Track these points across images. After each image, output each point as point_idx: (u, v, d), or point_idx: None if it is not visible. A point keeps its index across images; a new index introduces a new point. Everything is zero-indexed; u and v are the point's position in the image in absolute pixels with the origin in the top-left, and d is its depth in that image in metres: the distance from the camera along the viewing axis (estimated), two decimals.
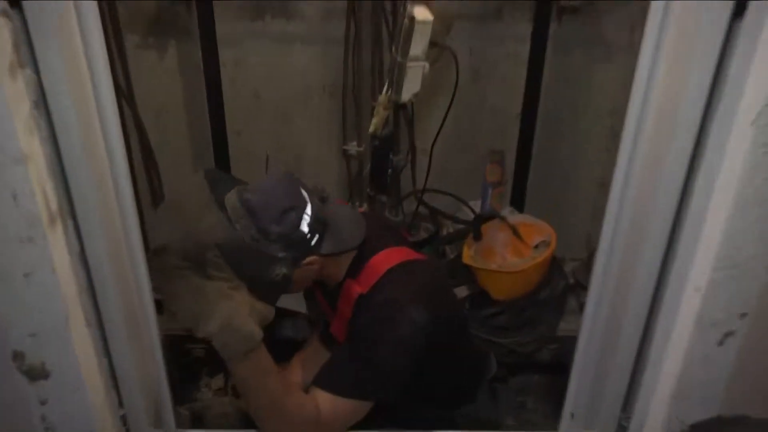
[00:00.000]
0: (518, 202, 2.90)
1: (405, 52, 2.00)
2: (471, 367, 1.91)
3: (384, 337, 1.56)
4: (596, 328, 1.43)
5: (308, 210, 1.56)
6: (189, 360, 2.53)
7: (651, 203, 1.17)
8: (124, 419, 1.36)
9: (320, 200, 1.63)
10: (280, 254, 1.53)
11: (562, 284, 2.49)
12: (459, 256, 2.52)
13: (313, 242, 1.58)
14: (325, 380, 1.57)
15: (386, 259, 1.69)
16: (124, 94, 2.26)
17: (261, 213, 1.52)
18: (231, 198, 1.54)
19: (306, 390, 1.60)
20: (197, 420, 2.07)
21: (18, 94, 0.99)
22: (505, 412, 2.64)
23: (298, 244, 1.56)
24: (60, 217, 1.09)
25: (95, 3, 1.07)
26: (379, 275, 1.65)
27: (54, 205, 1.06)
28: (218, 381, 2.67)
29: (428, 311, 1.59)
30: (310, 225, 1.56)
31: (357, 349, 1.57)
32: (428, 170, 2.45)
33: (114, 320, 1.25)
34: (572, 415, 1.56)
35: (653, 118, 1.14)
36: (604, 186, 2.90)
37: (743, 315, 1.17)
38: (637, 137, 1.18)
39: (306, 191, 1.59)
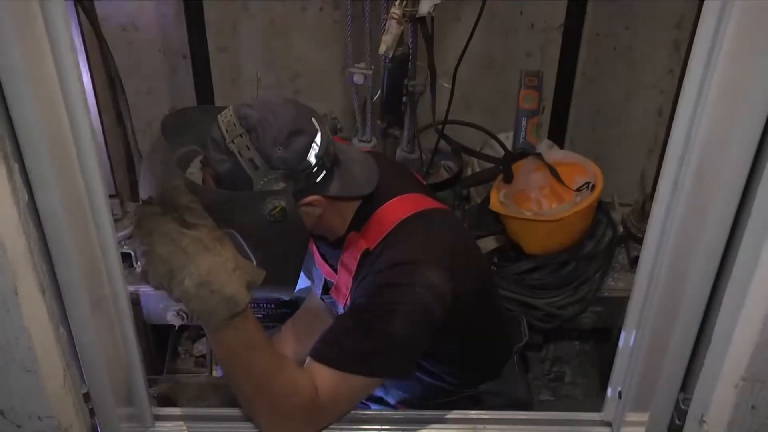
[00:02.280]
0: (558, 136, 2.86)
1: None
2: (498, 336, 1.90)
3: (396, 304, 1.54)
4: (652, 289, 1.41)
5: (318, 139, 1.53)
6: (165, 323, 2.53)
7: (727, 133, 1.14)
8: (87, 397, 1.36)
9: (332, 131, 1.60)
10: (279, 185, 1.51)
11: (610, 235, 2.48)
12: (486, 201, 2.51)
13: (318, 178, 1.56)
14: (324, 352, 1.55)
15: (397, 208, 1.67)
16: None
17: (263, 132, 1.50)
18: (226, 115, 1.52)
19: (301, 364, 1.59)
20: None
21: None
22: (540, 386, 2.65)
23: (302, 177, 1.54)
24: (3, 161, 1.06)
25: None
26: (388, 228, 1.64)
27: None
28: (201, 346, 2.70)
29: (448, 274, 1.58)
30: (318, 157, 1.53)
31: (363, 318, 1.56)
32: (450, 98, 2.41)
33: (73, 284, 1.23)
34: (620, 394, 1.55)
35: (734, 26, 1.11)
36: (663, 115, 2.88)
37: None
38: (714, 48, 1.15)
39: (316, 119, 1.56)
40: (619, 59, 2.88)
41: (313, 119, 1.55)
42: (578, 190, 2.41)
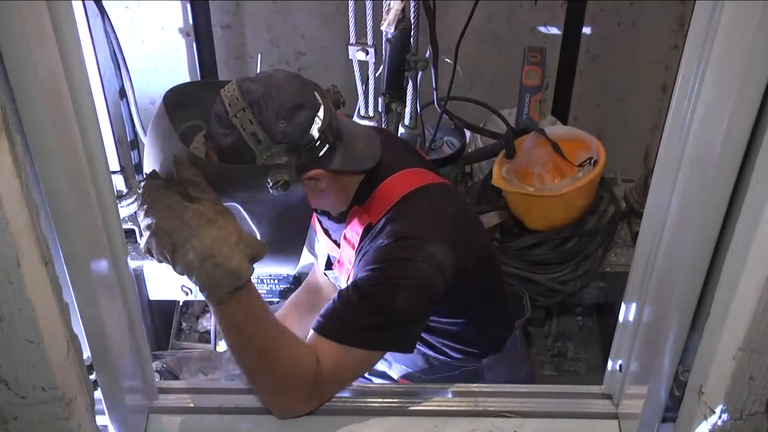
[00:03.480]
0: (561, 112, 2.86)
1: None
2: (500, 311, 1.91)
3: (398, 278, 1.55)
4: (651, 263, 1.41)
5: (320, 113, 1.53)
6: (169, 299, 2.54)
7: (726, 107, 1.14)
8: (90, 370, 1.37)
9: (335, 105, 1.60)
10: (281, 159, 1.51)
11: (612, 210, 2.48)
12: (488, 176, 2.50)
13: (321, 152, 1.56)
14: (327, 325, 1.56)
15: (400, 183, 1.67)
16: None
17: (266, 106, 1.50)
18: (229, 89, 1.52)
19: (304, 338, 1.59)
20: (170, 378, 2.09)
21: None
22: (542, 362, 2.66)
23: (305, 151, 1.54)
24: (5, 133, 1.06)
25: None
26: (391, 203, 1.64)
27: None
28: (205, 322, 2.71)
29: (450, 248, 1.58)
30: (321, 131, 1.54)
31: (366, 292, 1.56)
32: (453, 74, 2.41)
33: (76, 256, 1.23)
34: (620, 367, 1.56)
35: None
36: (667, 91, 2.87)
37: None
38: (711, 21, 1.14)
39: (319, 93, 1.56)
40: (623, 35, 2.88)
41: (315, 93, 1.55)
42: (581, 165, 2.41)
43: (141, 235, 1.46)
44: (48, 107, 1.11)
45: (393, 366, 1.93)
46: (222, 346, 2.49)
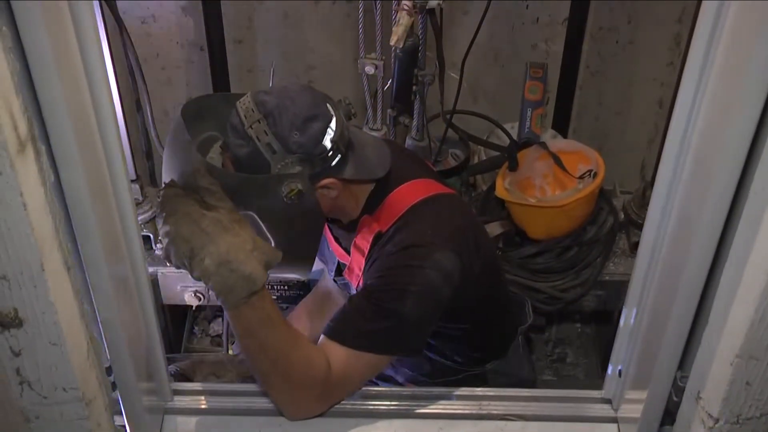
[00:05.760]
0: (562, 126, 2.86)
1: None
2: (503, 317, 1.91)
3: (407, 285, 1.55)
4: (651, 272, 1.41)
5: (333, 124, 1.54)
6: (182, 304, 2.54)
7: (725, 121, 1.14)
8: (109, 372, 1.37)
9: (346, 117, 1.61)
10: (295, 169, 1.52)
11: (611, 221, 2.48)
12: (492, 188, 2.51)
13: (334, 162, 1.56)
14: (337, 330, 1.56)
15: (409, 193, 1.67)
16: None
17: (280, 117, 1.50)
18: (245, 102, 1.53)
19: (314, 343, 1.59)
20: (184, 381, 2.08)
21: None
22: (542, 367, 2.66)
23: (318, 161, 1.54)
24: (31, 143, 1.07)
25: None
26: (400, 212, 1.64)
27: (23, 129, 1.04)
28: (216, 326, 2.71)
29: (457, 256, 1.59)
30: (333, 141, 1.54)
31: (375, 298, 1.56)
32: (458, 88, 2.41)
33: (97, 262, 1.23)
34: (620, 373, 1.56)
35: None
36: (663, 106, 2.87)
37: None
38: (712, 40, 1.14)
39: (331, 105, 1.57)
40: (621, 52, 2.88)
41: (328, 105, 1.56)
42: (581, 177, 2.41)
43: (159, 242, 1.46)
44: (72, 119, 1.11)
45: (399, 371, 1.93)
46: (234, 349, 2.49)
